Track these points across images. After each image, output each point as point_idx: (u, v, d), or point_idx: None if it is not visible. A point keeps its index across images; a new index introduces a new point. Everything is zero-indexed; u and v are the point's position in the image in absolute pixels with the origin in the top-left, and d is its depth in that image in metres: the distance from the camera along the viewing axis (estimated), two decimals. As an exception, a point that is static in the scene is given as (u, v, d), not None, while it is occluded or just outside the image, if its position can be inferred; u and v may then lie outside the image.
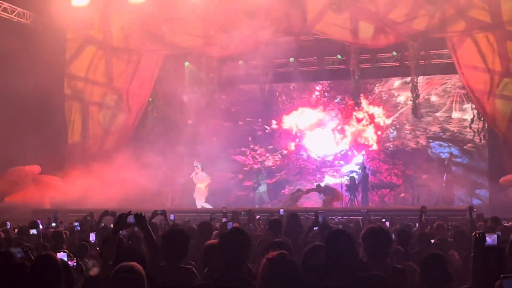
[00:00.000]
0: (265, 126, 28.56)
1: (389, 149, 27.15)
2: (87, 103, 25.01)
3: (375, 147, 27.49)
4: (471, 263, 4.97)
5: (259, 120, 28.55)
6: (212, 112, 26.19)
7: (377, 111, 27.50)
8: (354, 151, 27.60)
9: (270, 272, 3.81)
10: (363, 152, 27.35)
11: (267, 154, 28.54)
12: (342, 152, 27.77)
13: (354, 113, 27.48)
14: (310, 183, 27.19)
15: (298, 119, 28.14)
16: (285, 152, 28.35)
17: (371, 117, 27.52)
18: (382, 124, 27.21)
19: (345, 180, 26.02)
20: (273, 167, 28.27)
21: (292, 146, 28.02)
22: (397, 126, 26.93)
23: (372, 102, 27.54)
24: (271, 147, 28.70)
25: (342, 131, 27.79)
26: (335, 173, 27.68)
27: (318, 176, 28.44)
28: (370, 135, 27.64)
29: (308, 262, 4.35)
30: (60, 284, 4.70)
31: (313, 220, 9.99)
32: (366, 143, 27.44)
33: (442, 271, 5.06)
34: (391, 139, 27.39)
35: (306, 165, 28.16)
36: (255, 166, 28.14)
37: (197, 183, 24.65)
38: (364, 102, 27.75)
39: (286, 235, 8.58)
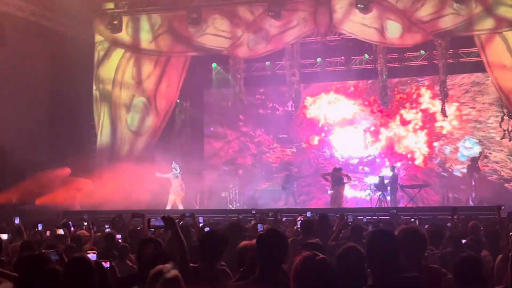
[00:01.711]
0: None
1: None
2: (116, 105, 25.15)
3: (419, 161, 25.08)
4: (509, 262, 4.92)
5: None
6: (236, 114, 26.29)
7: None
8: (386, 160, 25.40)
9: (304, 271, 3.81)
10: (398, 164, 24.82)
11: (275, 144, 26.64)
12: (370, 158, 25.83)
13: (402, 111, 25.39)
14: (322, 192, 24.81)
15: (329, 108, 26.44)
16: (304, 145, 26.59)
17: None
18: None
19: (366, 195, 24.86)
20: (275, 164, 26.35)
21: (315, 140, 26.55)
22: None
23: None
24: (284, 136, 26.74)
25: (376, 133, 25.76)
26: (356, 182, 25.20)
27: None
28: (418, 145, 25.10)
29: (342, 262, 4.34)
30: (94, 286, 4.73)
31: (340, 221, 9.98)
32: (405, 153, 25.24)
33: (477, 274, 5.01)
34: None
35: (325, 165, 25.96)
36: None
37: (173, 184, 23.93)
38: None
39: (316, 236, 8.57)
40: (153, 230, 8.68)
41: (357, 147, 26.09)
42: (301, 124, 26.76)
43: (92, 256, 6.42)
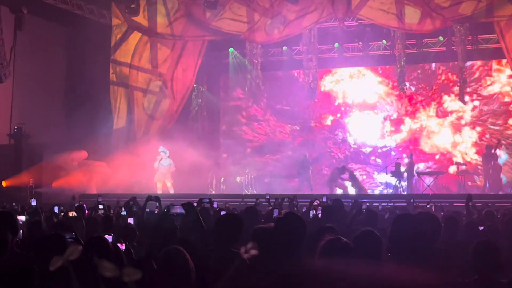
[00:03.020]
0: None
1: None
2: (132, 89, 25.21)
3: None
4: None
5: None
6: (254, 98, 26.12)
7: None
8: (404, 156, 22.79)
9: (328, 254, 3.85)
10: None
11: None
12: (385, 149, 24.03)
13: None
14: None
15: (350, 84, 24.91)
16: (313, 124, 24.94)
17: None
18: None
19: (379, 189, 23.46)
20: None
21: (328, 120, 25.23)
22: None
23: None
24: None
25: (397, 122, 23.74)
26: (363, 176, 23.28)
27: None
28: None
29: (359, 246, 4.34)
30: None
31: (355, 208, 9.97)
32: (433, 153, 22.70)
33: (494, 259, 5.00)
34: None
35: (333, 150, 24.27)
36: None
37: (160, 169, 23.45)
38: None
39: (330, 221, 8.57)
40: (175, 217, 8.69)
41: (373, 134, 24.67)
42: (313, 95, 24.63)
43: (108, 238, 6.45)
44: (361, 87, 25.12)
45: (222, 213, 9.58)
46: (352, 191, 22.42)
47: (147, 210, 11.00)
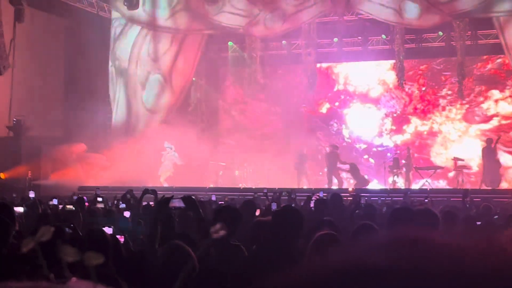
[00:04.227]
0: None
1: None
2: (131, 82, 25.20)
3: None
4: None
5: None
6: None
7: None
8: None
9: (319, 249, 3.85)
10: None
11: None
12: (380, 149, 22.53)
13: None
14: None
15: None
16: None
17: None
18: None
19: None
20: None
21: (324, 108, 24.12)
22: None
23: None
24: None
25: (401, 121, 21.98)
26: (350, 180, 20.44)
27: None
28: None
29: (357, 240, 4.36)
30: (109, 259, 4.76)
31: (353, 202, 10.00)
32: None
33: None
34: None
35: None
36: None
37: (165, 161, 23.79)
38: None
39: (329, 215, 8.59)
40: (174, 211, 8.69)
41: (371, 131, 23.45)
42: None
43: (107, 230, 6.47)
44: (368, 72, 23.96)
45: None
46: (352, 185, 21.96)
47: (144, 203, 11.03)
